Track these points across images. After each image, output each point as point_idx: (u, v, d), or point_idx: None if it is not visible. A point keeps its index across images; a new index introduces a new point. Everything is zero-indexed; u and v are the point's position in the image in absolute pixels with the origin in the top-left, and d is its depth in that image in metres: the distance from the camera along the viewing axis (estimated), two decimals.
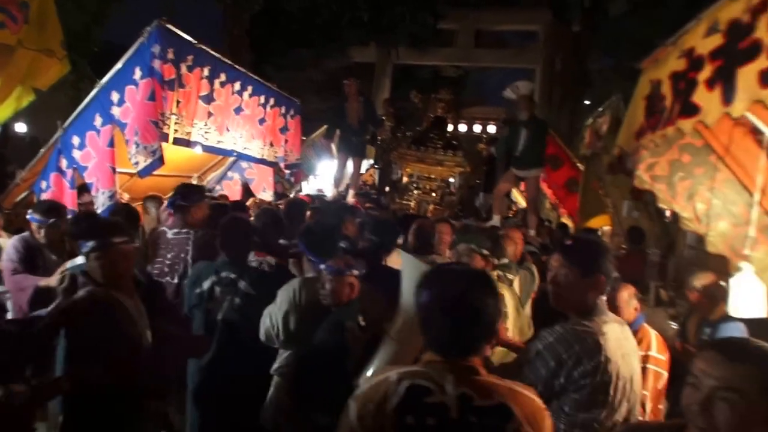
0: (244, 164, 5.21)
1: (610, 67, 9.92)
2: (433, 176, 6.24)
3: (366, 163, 7.46)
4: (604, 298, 1.60)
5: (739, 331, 2.56)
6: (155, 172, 3.46)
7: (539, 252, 3.94)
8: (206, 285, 2.33)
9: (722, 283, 2.73)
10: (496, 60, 14.34)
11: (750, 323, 2.55)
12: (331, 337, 1.92)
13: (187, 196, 3.03)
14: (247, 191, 5.30)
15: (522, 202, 7.30)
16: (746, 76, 1.66)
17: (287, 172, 5.57)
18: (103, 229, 1.90)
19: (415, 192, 6.33)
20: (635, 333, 2.17)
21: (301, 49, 11.60)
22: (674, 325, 3.32)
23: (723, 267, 2.72)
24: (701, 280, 2.82)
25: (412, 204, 6.26)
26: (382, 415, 1.00)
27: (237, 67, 4.20)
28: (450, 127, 7.37)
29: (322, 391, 1.83)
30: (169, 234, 2.95)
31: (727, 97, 1.76)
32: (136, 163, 3.22)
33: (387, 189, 6.79)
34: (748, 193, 2.58)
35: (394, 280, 1.66)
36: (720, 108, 1.82)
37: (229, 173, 5.36)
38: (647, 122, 2.62)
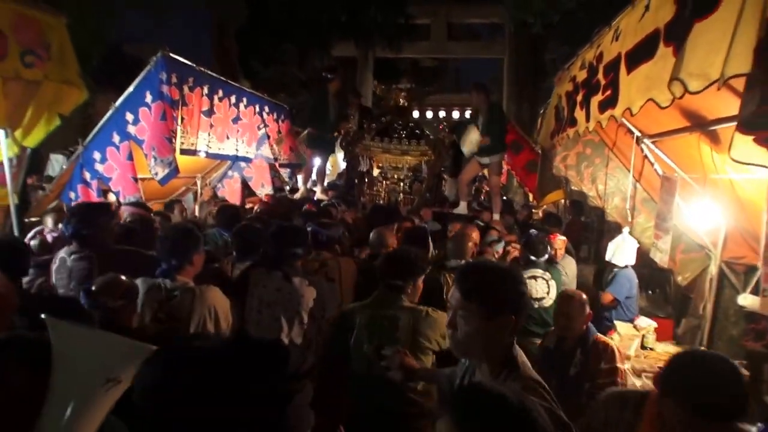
0: (242, 164, 5.78)
1: (565, 57, 10.45)
2: (400, 166, 6.10)
3: (341, 158, 7.28)
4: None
5: (628, 276, 3.35)
6: None
7: (498, 240, 3.79)
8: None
9: None
10: (468, 51, 14.87)
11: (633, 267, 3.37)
12: None
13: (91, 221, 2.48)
14: (246, 187, 5.89)
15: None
16: (594, 103, 2.33)
17: (287, 170, 6.11)
18: None
19: (384, 183, 6.19)
20: (592, 344, 2.19)
21: (286, 44, 11.86)
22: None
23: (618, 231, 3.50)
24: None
25: (383, 194, 6.15)
26: None
27: (231, 83, 4.76)
28: (416, 114, 7.49)
29: None
30: (69, 261, 2.39)
31: (587, 117, 2.44)
32: (156, 174, 3.81)
33: (356, 181, 6.63)
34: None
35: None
36: (584, 123, 2.50)
37: (230, 172, 5.90)
38: (556, 126, 3.31)
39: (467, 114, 16.01)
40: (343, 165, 7.88)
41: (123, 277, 1.75)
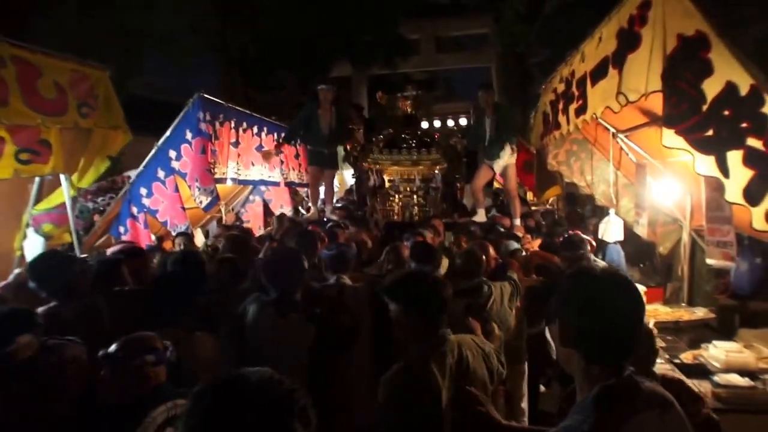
0: (263, 187, 6.47)
1: (547, 59, 11.21)
2: (411, 177, 5.81)
3: (348, 174, 7.35)
4: None
5: (617, 249, 4.04)
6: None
7: (520, 249, 3.66)
8: None
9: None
10: (456, 62, 15.92)
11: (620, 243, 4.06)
12: None
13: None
14: (267, 209, 6.59)
15: None
16: (571, 110, 3.08)
17: (304, 189, 6.62)
18: None
19: (397, 196, 5.88)
20: None
21: (281, 70, 12.73)
22: None
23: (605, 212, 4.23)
24: (592, 222, 4.32)
25: (396, 209, 5.85)
26: None
27: (254, 114, 5.53)
28: (425, 125, 7.01)
29: None
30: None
31: (567, 121, 3.18)
32: (201, 202, 4.51)
33: (366, 198, 6.35)
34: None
35: None
36: (566, 126, 3.25)
37: (251, 197, 6.61)
38: (544, 129, 4.07)
39: (462, 121, 16.93)
40: (350, 182, 8.22)
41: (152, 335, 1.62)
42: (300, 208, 6.99)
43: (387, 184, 6.02)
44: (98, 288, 2.36)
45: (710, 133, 1.87)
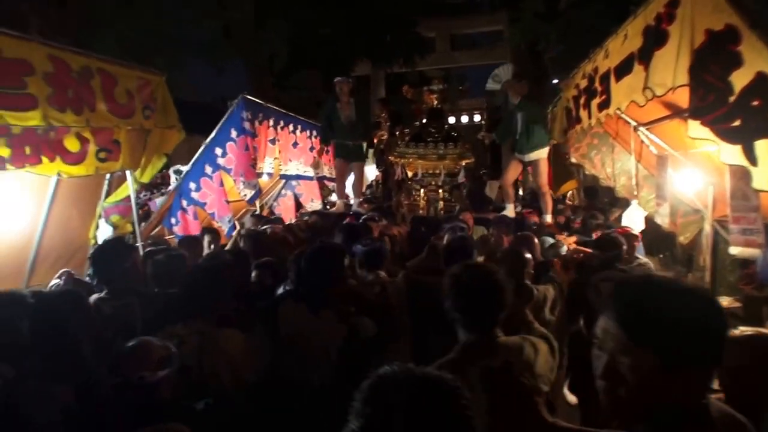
0: (294, 182, 6.71)
1: (562, 54, 11.07)
2: (437, 171, 5.67)
3: (369, 169, 7.03)
4: None
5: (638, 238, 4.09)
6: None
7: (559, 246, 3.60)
8: None
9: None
10: (471, 60, 15.94)
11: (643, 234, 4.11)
12: None
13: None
14: (297, 203, 6.82)
15: None
16: (594, 105, 3.16)
17: (332, 183, 6.78)
18: None
19: (422, 190, 5.77)
20: None
21: (303, 70, 12.88)
22: None
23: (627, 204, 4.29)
24: (615, 214, 4.38)
25: (421, 203, 5.73)
26: None
27: (289, 113, 5.75)
28: (452, 120, 7.13)
29: None
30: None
31: (589, 115, 3.26)
32: (245, 195, 4.76)
33: (392, 192, 6.26)
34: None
35: None
36: (587, 120, 3.33)
37: (283, 191, 6.85)
38: (567, 124, 4.14)
39: (476, 118, 16.89)
40: (372, 175, 8.21)
41: (156, 342, 1.52)
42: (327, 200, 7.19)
43: (412, 178, 5.94)
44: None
45: (737, 123, 1.95)
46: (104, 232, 4.35)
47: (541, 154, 4.63)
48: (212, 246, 4.09)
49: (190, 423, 1.32)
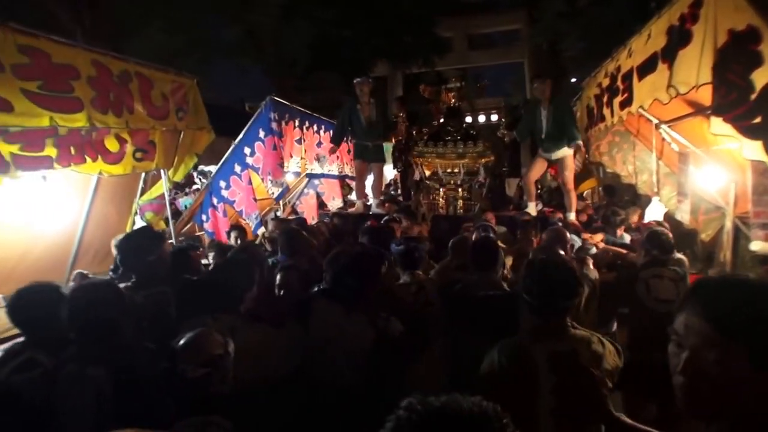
0: (316, 181, 6.82)
1: (582, 52, 10.89)
2: (456, 170, 5.53)
3: (387, 169, 6.77)
4: None
5: None
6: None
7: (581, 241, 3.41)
8: None
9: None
10: (489, 59, 15.78)
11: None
12: None
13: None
14: (320, 202, 6.93)
15: None
16: (616, 103, 3.14)
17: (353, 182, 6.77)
18: None
19: (441, 189, 5.66)
20: None
21: (322, 72, 13.02)
22: None
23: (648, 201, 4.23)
24: (636, 212, 4.32)
25: (441, 202, 5.64)
26: None
27: (314, 114, 5.87)
28: (469, 119, 6.50)
29: None
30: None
31: (612, 113, 3.25)
32: (273, 193, 4.90)
33: (411, 191, 6.16)
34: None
35: None
36: (610, 118, 3.31)
37: (306, 190, 6.97)
38: (589, 122, 4.12)
39: (494, 117, 16.73)
40: (390, 175, 8.23)
41: (216, 335, 1.47)
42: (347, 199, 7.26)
43: (431, 177, 5.75)
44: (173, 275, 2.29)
45: (758, 120, 1.95)
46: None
47: (567, 151, 4.41)
48: (239, 243, 4.17)
49: (233, 418, 1.30)
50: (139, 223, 4.55)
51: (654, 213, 3.97)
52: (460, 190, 5.65)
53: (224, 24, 8.05)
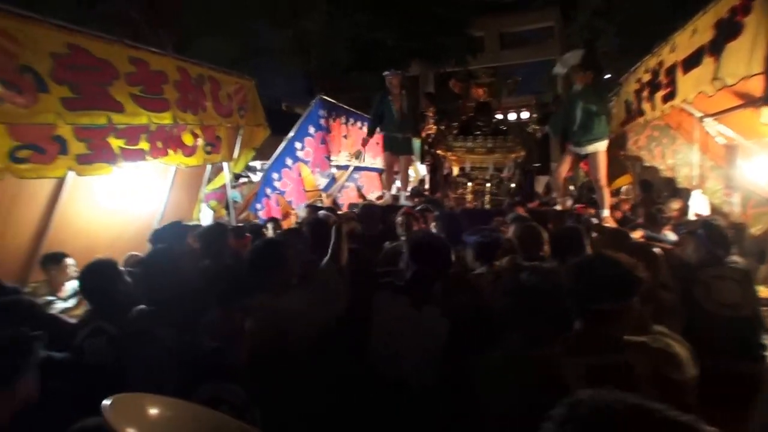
0: (356, 174, 7.04)
1: (617, 48, 10.49)
2: (485, 165, 5.38)
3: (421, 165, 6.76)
4: None
5: None
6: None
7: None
8: None
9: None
10: (520, 57, 15.43)
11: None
12: None
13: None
14: (360, 194, 7.14)
15: None
16: (658, 98, 3.10)
17: None
18: None
19: (469, 184, 5.48)
20: None
21: (356, 72, 13.25)
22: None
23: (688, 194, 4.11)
24: (676, 205, 4.20)
25: (468, 197, 5.49)
26: None
27: (358, 112, 6.07)
28: (499, 116, 6.07)
29: None
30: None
31: (653, 107, 3.21)
32: (320, 184, 5.14)
33: (439, 185, 5.94)
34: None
35: None
36: (652, 113, 3.27)
37: (347, 183, 7.21)
38: (626, 117, 4.06)
39: (524, 115, 16.33)
40: (424, 170, 7.89)
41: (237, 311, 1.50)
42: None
43: (460, 172, 5.60)
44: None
45: None
46: (205, 214, 4.91)
47: (600, 146, 4.11)
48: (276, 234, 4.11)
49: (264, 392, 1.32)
50: (204, 210, 4.92)
51: (698, 206, 3.86)
52: (488, 185, 5.46)
53: (275, 31, 8.42)
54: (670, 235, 3.45)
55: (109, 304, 1.75)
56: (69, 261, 2.94)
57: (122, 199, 3.73)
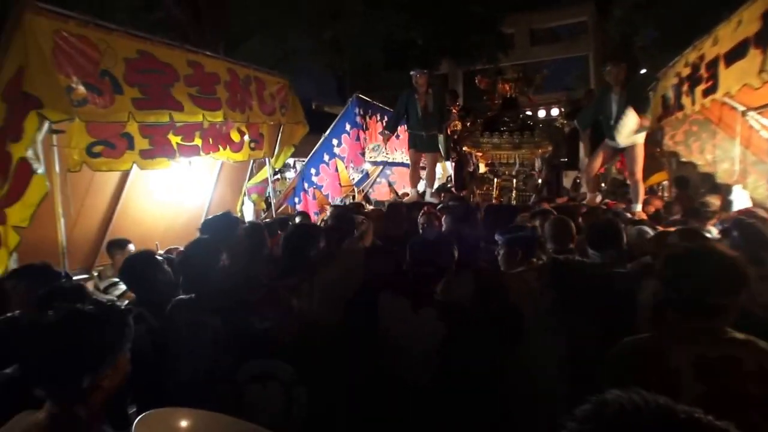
0: (388, 170, 7.15)
1: (654, 42, 10.04)
2: (511, 161, 5.25)
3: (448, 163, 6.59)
4: None
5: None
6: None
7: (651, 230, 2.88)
8: None
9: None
10: (551, 53, 15.01)
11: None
12: None
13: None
14: (391, 189, 7.24)
15: None
16: (698, 91, 3.01)
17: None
18: None
19: (495, 180, 5.36)
20: None
21: (388, 71, 13.33)
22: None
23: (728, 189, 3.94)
24: (716, 201, 4.03)
25: (494, 193, 5.36)
26: None
27: (391, 109, 6.16)
28: (528, 113, 5.89)
29: None
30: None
31: (693, 101, 3.11)
32: (353, 179, 5.30)
33: (464, 181, 5.87)
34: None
35: None
36: (690, 107, 3.17)
37: (378, 179, 7.35)
38: (663, 112, 3.94)
39: (554, 112, 15.87)
40: (450, 167, 8.45)
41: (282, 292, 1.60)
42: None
43: (485, 168, 5.49)
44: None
45: None
46: (248, 206, 5.18)
47: (638, 139, 3.89)
48: None
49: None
50: (247, 202, 5.19)
51: (740, 201, 3.71)
52: (514, 181, 5.32)
53: (312, 33, 8.64)
54: (713, 231, 3.21)
55: (149, 292, 1.83)
56: (131, 247, 3.20)
57: (174, 192, 4.01)
